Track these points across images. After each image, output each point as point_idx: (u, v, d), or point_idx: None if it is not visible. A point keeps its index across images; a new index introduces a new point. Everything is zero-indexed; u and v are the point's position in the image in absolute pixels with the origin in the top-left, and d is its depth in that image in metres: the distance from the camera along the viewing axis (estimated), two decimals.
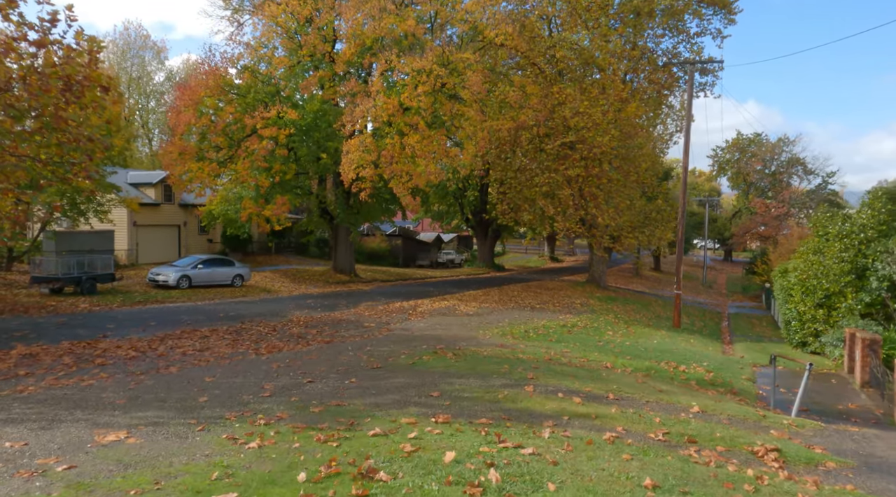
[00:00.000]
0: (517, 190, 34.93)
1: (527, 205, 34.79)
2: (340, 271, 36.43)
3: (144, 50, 60.03)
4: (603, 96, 31.23)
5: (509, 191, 35.43)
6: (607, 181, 32.47)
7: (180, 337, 14.28)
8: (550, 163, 32.27)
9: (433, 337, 15.95)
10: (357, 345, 14.08)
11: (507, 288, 34.40)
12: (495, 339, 16.07)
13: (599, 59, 31.35)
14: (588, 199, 32.57)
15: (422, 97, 25.06)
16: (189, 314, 19.08)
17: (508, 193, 35.57)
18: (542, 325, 19.48)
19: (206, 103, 28.47)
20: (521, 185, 34.66)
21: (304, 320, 18.48)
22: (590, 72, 33.76)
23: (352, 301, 24.68)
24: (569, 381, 9.20)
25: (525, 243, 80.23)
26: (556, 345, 15.81)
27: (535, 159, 33.85)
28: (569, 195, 31.92)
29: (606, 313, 25.26)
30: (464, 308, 23.71)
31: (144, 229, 36.15)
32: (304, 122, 28.82)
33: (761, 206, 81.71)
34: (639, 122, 35.63)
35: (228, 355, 12.17)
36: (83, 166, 16.25)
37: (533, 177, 32.80)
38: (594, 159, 32.03)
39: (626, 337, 19.42)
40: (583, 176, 31.99)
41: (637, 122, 35.18)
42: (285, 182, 30.16)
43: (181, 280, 27.12)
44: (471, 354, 12.53)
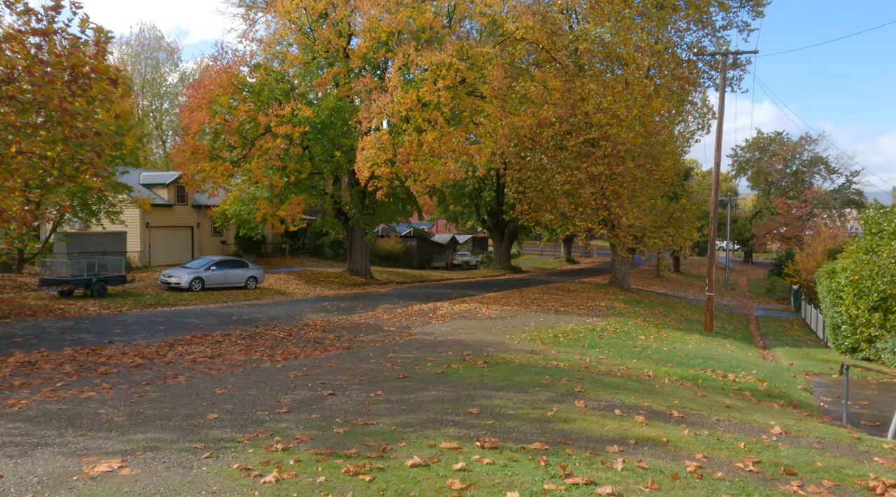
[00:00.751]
0: (537, 189, 33.91)
1: (548, 204, 33.76)
2: (356, 273, 35.59)
3: (158, 51, 59.73)
4: (627, 91, 30.16)
5: (529, 190, 34.41)
6: (631, 179, 31.37)
7: (191, 342, 13.43)
8: (572, 161, 31.24)
9: (458, 342, 15.00)
10: (378, 351, 13.15)
11: (528, 290, 33.37)
12: (524, 345, 15.09)
13: (623, 53, 30.25)
14: (611, 198, 31.47)
15: (441, 92, 24.15)
16: (201, 318, 18.27)
17: (528, 193, 34.56)
18: (570, 330, 18.46)
19: (219, 102, 27.75)
20: (542, 184, 33.64)
21: (320, 324, 17.60)
22: (612, 67, 32.69)
23: (369, 304, 23.79)
24: (621, 394, 8.20)
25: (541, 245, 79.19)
26: (589, 351, 14.79)
27: (555, 158, 32.82)
28: (591, 194, 30.85)
29: (634, 316, 24.17)
30: (485, 311, 22.74)
31: (157, 231, 35.54)
32: (319, 120, 28.02)
33: (783, 206, 79.94)
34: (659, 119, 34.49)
35: (241, 363, 11.29)
36: (91, 163, 15.49)
37: (554, 175, 31.78)
38: (617, 157, 30.96)
39: (659, 341, 18.35)
40: (606, 174, 30.93)
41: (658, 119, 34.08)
42: (300, 181, 29.39)
43: (194, 282, 26.39)
44: (503, 362, 11.56)
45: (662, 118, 35.19)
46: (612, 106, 29.56)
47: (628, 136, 29.77)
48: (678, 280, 57.13)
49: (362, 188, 33.33)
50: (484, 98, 25.86)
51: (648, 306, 29.28)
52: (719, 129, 23.51)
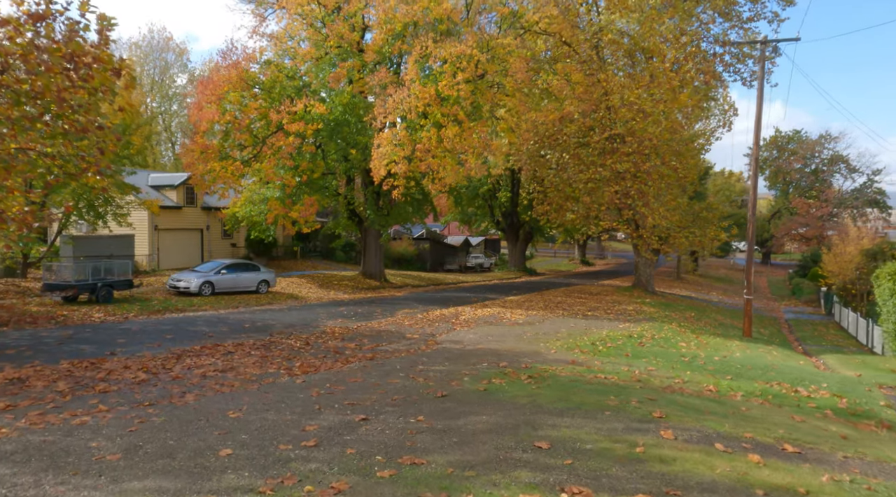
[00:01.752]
0: (558, 188, 32.62)
1: (569, 204, 32.47)
2: (370, 276, 34.42)
3: (167, 52, 58.89)
4: (654, 84, 28.83)
5: (550, 189, 33.13)
6: (658, 177, 30.00)
7: (200, 354, 12.25)
8: (595, 158, 29.92)
9: (490, 352, 13.75)
10: (406, 363, 11.93)
11: (549, 293, 32.07)
12: (563, 355, 13.83)
13: (650, 45, 28.91)
14: (636, 196, 30.11)
15: (461, 86, 22.94)
16: (211, 325, 17.11)
17: (549, 192, 33.27)
18: (605, 336, 17.15)
19: (228, 98, 26.67)
20: (563, 182, 32.35)
21: (339, 332, 16.40)
22: (637, 60, 31.36)
23: (387, 309, 22.58)
24: (709, 420, 6.92)
25: (555, 247, 77.84)
26: (635, 361, 13.50)
27: (577, 155, 31.48)
28: (616, 192, 29.50)
29: (667, 321, 22.81)
30: (510, 316, 21.48)
31: (166, 233, 34.52)
32: (333, 117, 26.86)
33: (802, 205, 78.15)
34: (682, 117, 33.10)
35: (257, 377, 10.09)
36: (94, 160, 14.37)
37: (577, 173, 30.46)
38: (642, 154, 29.61)
39: (703, 349, 17.02)
40: (631, 172, 29.59)
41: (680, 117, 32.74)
42: (313, 181, 28.25)
43: (203, 286, 25.29)
44: (549, 377, 10.31)
45: (687, 113, 33.87)
46: (638, 100, 28.26)
47: (655, 132, 28.44)
48: (698, 282, 55.60)
49: (377, 188, 32.15)
50: (506, 91, 24.62)
51: (678, 310, 27.91)
52: (758, 121, 22.13)
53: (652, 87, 29.14)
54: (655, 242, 32.25)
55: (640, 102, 28.34)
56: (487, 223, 54.45)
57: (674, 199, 32.37)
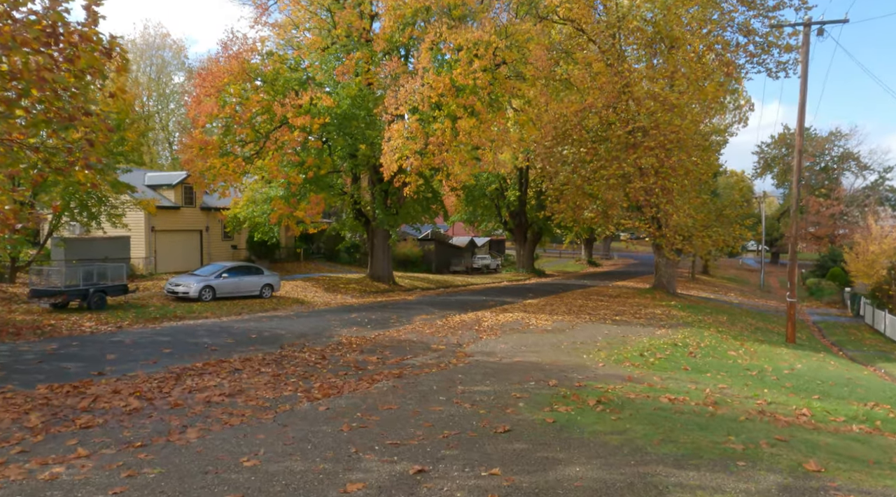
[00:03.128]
0: (576, 185, 31.00)
1: (587, 202, 30.86)
2: (378, 279, 32.77)
3: (163, 50, 57.23)
4: (679, 74, 27.24)
5: (566, 186, 31.50)
6: (683, 172, 28.38)
7: (202, 372, 10.59)
8: (618, 152, 28.28)
9: (531, 366, 12.12)
10: (440, 381, 10.30)
11: (567, 296, 30.45)
12: (613, 368, 12.20)
13: (676, 33, 27.27)
14: (660, 193, 28.47)
15: (478, 74, 21.30)
16: (214, 335, 15.44)
17: (565, 189, 31.65)
18: (649, 345, 15.53)
19: (229, 91, 25.03)
20: (582, 179, 30.73)
21: (356, 342, 14.75)
22: (660, 49, 29.72)
23: (402, 314, 20.94)
24: (884, 476, 5.29)
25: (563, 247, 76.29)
26: (697, 376, 11.89)
27: (595, 151, 29.81)
28: (640, 189, 27.86)
29: (703, 326, 21.19)
30: (535, 322, 19.85)
31: (163, 235, 32.83)
32: (340, 110, 25.23)
33: (813, 204, 76.57)
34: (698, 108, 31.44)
35: (271, 403, 8.46)
36: (82, 153, 12.71)
37: (598, 169, 28.82)
38: (665, 148, 27.97)
39: (756, 358, 15.41)
40: (655, 167, 27.96)
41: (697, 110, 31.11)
42: (320, 178, 26.60)
43: (204, 291, 23.64)
44: (620, 401, 8.69)
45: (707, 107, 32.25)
46: (662, 91, 26.68)
47: (682, 124, 26.86)
48: (713, 283, 54.01)
49: (385, 186, 30.55)
50: (525, 80, 22.97)
51: (707, 313, 26.28)
52: (801, 109, 20.50)
53: (677, 77, 27.58)
54: (679, 242, 30.62)
55: (665, 93, 26.79)
56: (494, 223, 52.77)
57: (698, 196, 30.82)
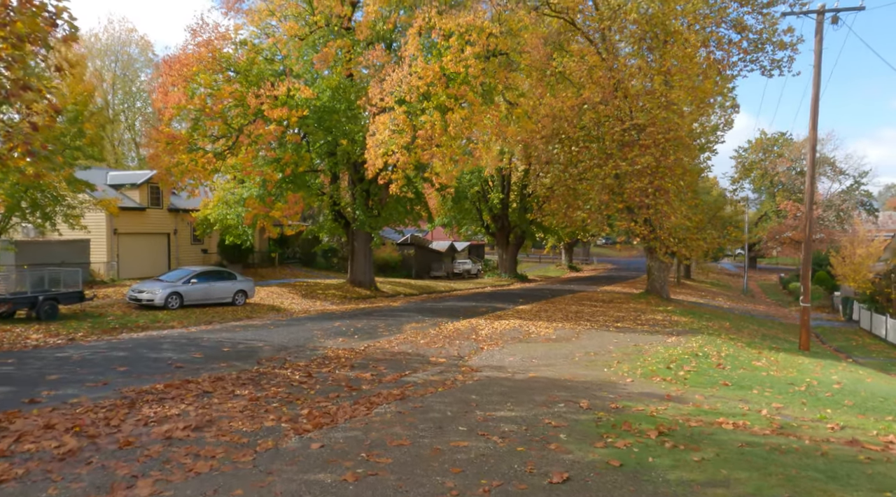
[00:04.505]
0: (568, 185, 29.57)
1: (580, 202, 29.44)
2: (359, 284, 30.91)
3: (129, 45, 54.62)
4: (677, 69, 26.00)
5: (558, 186, 30.08)
6: (682, 172, 27.14)
7: (163, 397, 8.72)
8: (613, 150, 26.91)
9: (550, 382, 10.50)
10: (453, 403, 8.61)
11: (558, 302, 28.99)
12: (645, 385, 10.63)
13: (675, 25, 26.03)
14: (658, 193, 27.17)
15: (470, 62, 19.70)
16: (179, 349, 13.48)
17: (557, 189, 30.23)
18: (668, 356, 14.02)
19: (198, 80, 23.04)
20: (574, 179, 29.32)
21: (344, 355, 12.96)
22: (657, 43, 28.48)
23: (391, 323, 19.16)
24: None
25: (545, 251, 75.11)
26: (742, 393, 10.38)
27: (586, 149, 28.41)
28: (637, 189, 26.49)
29: (712, 333, 19.81)
30: (535, 330, 18.27)
31: (127, 238, 30.54)
32: (320, 102, 23.42)
33: (791, 208, 76.60)
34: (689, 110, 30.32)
35: (249, 439, 6.67)
36: (23, 138, 10.77)
37: (592, 168, 27.42)
38: (662, 147, 26.69)
39: (786, 370, 14.01)
40: (652, 166, 26.64)
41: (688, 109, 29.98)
42: (298, 176, 24.73)
43: (170, 298, 21.57)
44: (683, 430, 7.10)
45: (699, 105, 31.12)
46: (660, 86, 25.42)
47: (681, 122, 25.64)
48: (698, 288, 53.18)
49: (366, 185, 28.77)
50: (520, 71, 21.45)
51: (708, 319, 24.98)
52: (814, 102, 19.32)
53: (673, 71, 26.36)
54: (673, 245, 29.35)
55: (662, 89, 25.54)
56: (476, 227, 51.19)
57: (695, 198, 29.69)
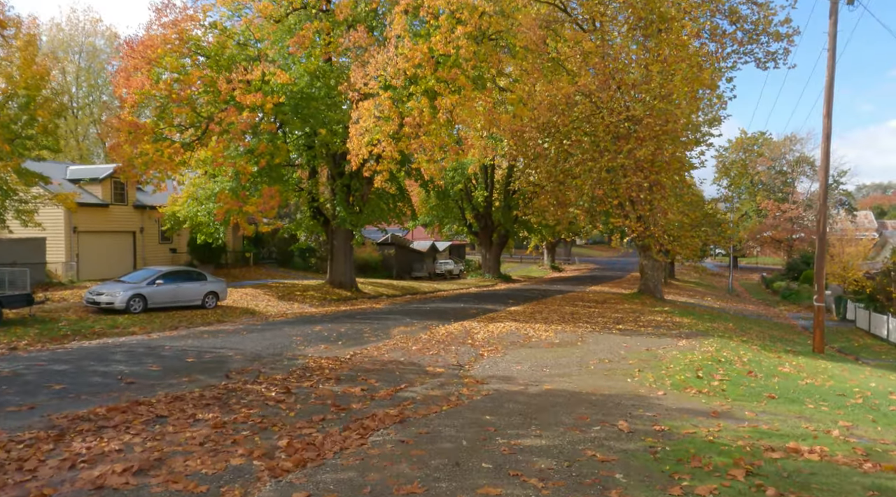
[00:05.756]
0: (559, 180, 28.16)
1: (573, 197, 28.04)
2: (339, 285, 29.15)
3: (94, 36, 52.06)
4: (673, 58, 24.74)
5: (548, 182, 28.64)
6: (679, 166, 25.91)
7: (103, 425, 6.97)
8: (607, 144, 25.56)
9: (572, 397, 8.96)
10: (465, 427, 7.02)
11: (550, 303, 27.57)
12: (680, 398, 9.15)
13: (672, 11, 24.75)
14: (655, 189, 25.90)
15: (462, 42, 18.13)
16: (134, 360, 11.65)
17: (547, 185, 28.79)
18: (688, 362, 12.58)
19: (164, 63, 21.15)
20: (564, 173, 27.91)
21: (328, 365, 11.27)
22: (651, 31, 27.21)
23: (376, 326, 17.49)
24: None
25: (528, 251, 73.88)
26: (795, 407, 8.96)
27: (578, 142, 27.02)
28: (634, 183, 25.16)
29: (719, 335, 18.48)
30: (535, 333, 16.76)
31: (89, 237, 28.36)
32: (297, 87, 21.67)
33: (773, 208, 76.49)
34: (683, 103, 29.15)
35: (208, 488, 5.01)
36: None
37: (585, 161, 26.02)
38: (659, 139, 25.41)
39: (821, 377, 12.67)
40: (649, 160, 25.34)
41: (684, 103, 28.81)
42: (274, 168, 22.91)
43: (132, 301, 19.64)
44: (770, 467, 5.61)
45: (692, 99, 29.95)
46: (658, 76, 24.13)
47: (680, 113, 24.40)
48: (685, 287, 52.29)
49: (347, 180, 27.06)
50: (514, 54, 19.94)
51: (710, 320, 23.72)
52: (829, 88, 18.14)
53: (670, 61, 25.11)
54: (668, 242, 28.10)
55: (659, 78, 24.26)
56: (458, 226, 49.62)
57: (691, 194, 28.51)
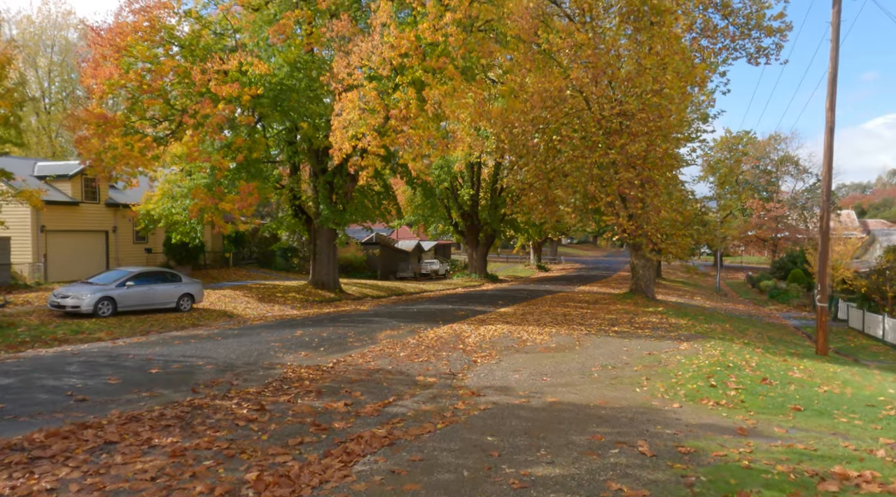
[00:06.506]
0: (549, 177, 27.32)
1: (564, 194, 27.22)
2: (322, 286, 28.08)
3: (67, 29, 50.35)
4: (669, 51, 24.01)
5: (537, 180, 27.79)
6: (674, 162, 25.19)
7: (38, 455, 5.91)
8: (600, 138, 24.76)
9: (579, 412, 8.06)
10: (465, 453, 6.08)
11: (540, 303, 26.72)
12: (698, 412, 8.28)
13: (665, 2, 23.99)
14: (647, 186, 25.13)
15: (451, 30, 17.19)
16: (91, 372, 10.51)
17: (536, 182, 27.94)
18: (695, 368, 11.75)
19: (134, 51, 19.96)
20: (554, 171, 27.08)
21: (308, 376, 10.26)
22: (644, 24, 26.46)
23: (361, 330, 16.48)
24: None
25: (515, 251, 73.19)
26: (826, 421, 8.13)
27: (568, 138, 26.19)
28: (626, 180, 24.37)
29: (718, 337, 17.71)
30: (530, 337, 15.86)
31: (58, 236, 27.03)
32: (276, 78, 20.58)
33: (757, 206, 76.46)
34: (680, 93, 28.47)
35: None
36: None
37: (576, 158, 25.21)
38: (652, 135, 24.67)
39: (836, 384, 11.91)
40: (641, 156, 24.57)
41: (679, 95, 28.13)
42: (252, 163, 21.80)
43: (101, 304, 18.47)
44: None
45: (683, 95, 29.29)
46: (652, 69, 23.37)
47: (673, 108, 23.68)
48: (673, 287, 51.78)
49: (329, 177, 26.02)
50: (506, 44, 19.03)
51: (709, 321, 22.99)
52: (833, 74, 17.44)
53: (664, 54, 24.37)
54: (660, 241, 27.37)
55: (654, 72, 23.51)
56: (444, 225, 48.62)
57: (684, 192, 27.83)
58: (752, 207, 77.39)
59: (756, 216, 77.39)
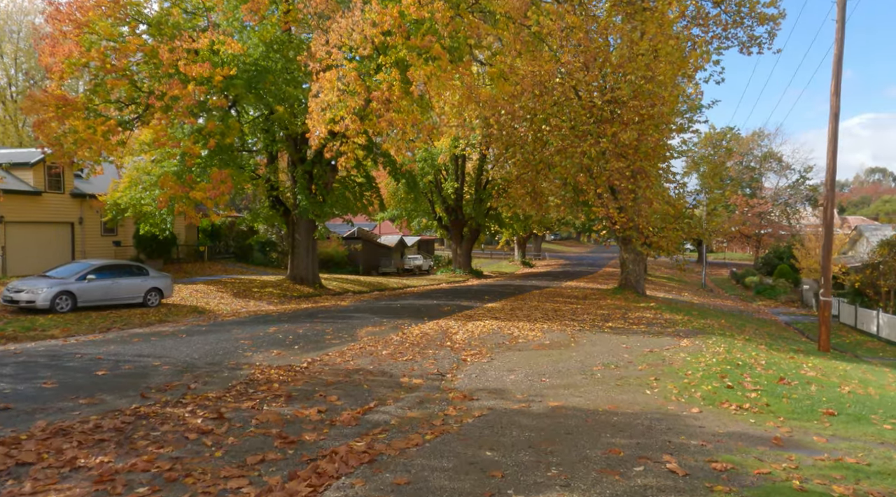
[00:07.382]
0: (537, 169, 26.32)
1: (553, 186, 26.23)
2: (301, 281, 26.83)
3: (33, 14, 48.37)
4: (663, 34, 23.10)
5: (525, 170, 26.77)
6: (667, 153, 24.31)
7: None
8: (591, 127, 23.78)
9: (587, 417, 7.02)
10: (460, 474, 5.01)
11: (528, 299, 25.76)
12: (720, 418, 7.29)
13: None
14: (639, 177, 24.22)
15: (437, 5, 16.06)
16: (25, 375, 9.22)
17: (524, 173, 26.92)
18: (703, 367, 10.78)
19: (97, 28, 18.56)
20: (544, 162, 26.07)
21: (278, 377, 9.10)
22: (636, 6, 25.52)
23: (340, 326, 15.32)
24: None
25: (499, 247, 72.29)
26: (871, 429, 7.19)
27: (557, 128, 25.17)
28: (616, 171, 23.41)
29: (717, 333, 16.84)
30: (521, 333, 14.84)
31: (18, 228, 25.48)
32: (251, 58, 19.30)
33: (742, 203, 76.34)
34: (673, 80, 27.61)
35: None
36: None
37: (566, 148, 24.21)
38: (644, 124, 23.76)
39: (854, 383, 11.04)
40: (633, 145, 23.65)
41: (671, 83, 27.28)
42: (225, 148, 20.49)
43: (58, 299, 17.10)
44: None
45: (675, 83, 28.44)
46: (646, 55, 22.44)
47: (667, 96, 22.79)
48: (660, 282, 51.20)
49: (309, 167, 24.76)
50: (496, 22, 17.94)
51: (704, 317, 22.15)
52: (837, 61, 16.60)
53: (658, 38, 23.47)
54: (652, 234, 26.51)
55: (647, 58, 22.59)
56: (428, 220, 47.43)
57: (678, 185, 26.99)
58: (735, 203, 77.28)
59: (740, 212, 77.28)
